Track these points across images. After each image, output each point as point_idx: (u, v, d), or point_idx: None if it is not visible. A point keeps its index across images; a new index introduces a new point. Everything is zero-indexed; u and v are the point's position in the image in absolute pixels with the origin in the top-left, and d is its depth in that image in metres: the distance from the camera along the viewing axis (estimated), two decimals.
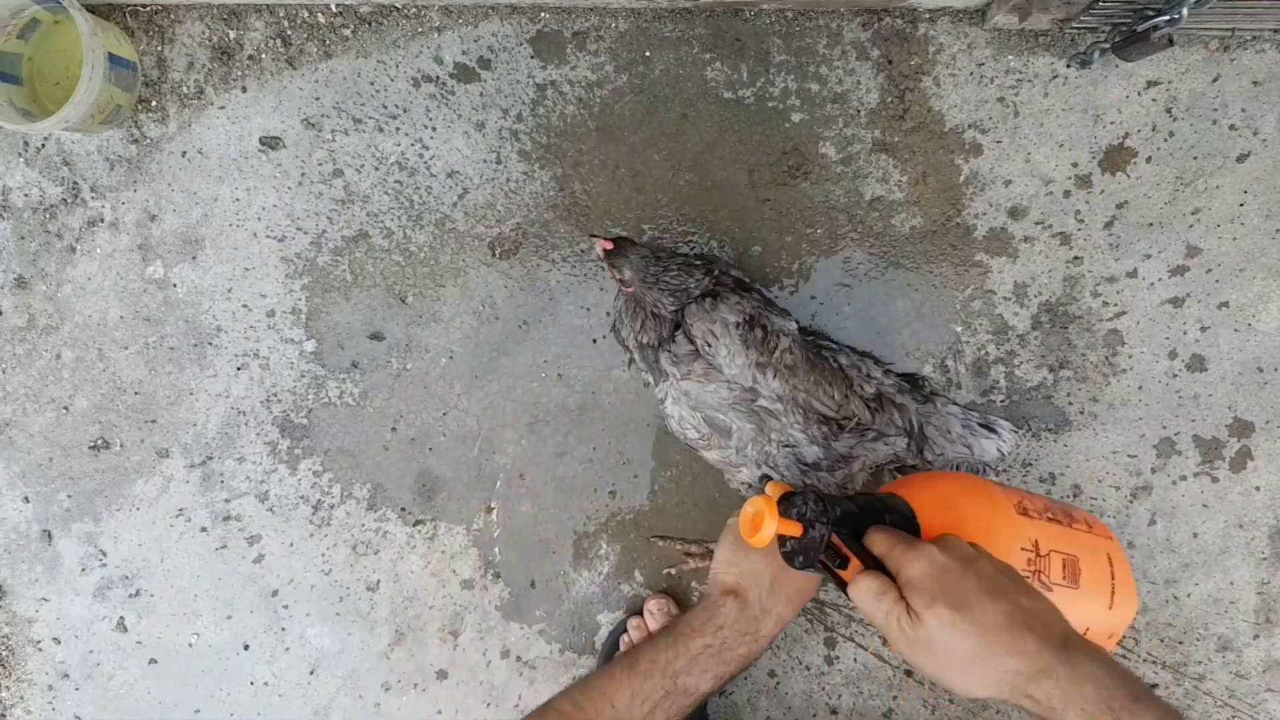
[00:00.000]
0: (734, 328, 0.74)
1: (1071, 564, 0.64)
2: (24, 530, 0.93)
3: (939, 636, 0.49)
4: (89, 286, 0.91)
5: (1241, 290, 0.90)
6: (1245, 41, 0.86)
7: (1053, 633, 0.49)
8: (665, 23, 0.88)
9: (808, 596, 0.70)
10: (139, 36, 0.88)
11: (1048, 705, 0.47)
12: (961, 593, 0.50)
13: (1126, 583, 0.67)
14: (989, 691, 0.49)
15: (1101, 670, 0.47)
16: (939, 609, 0.49)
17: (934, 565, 0.51)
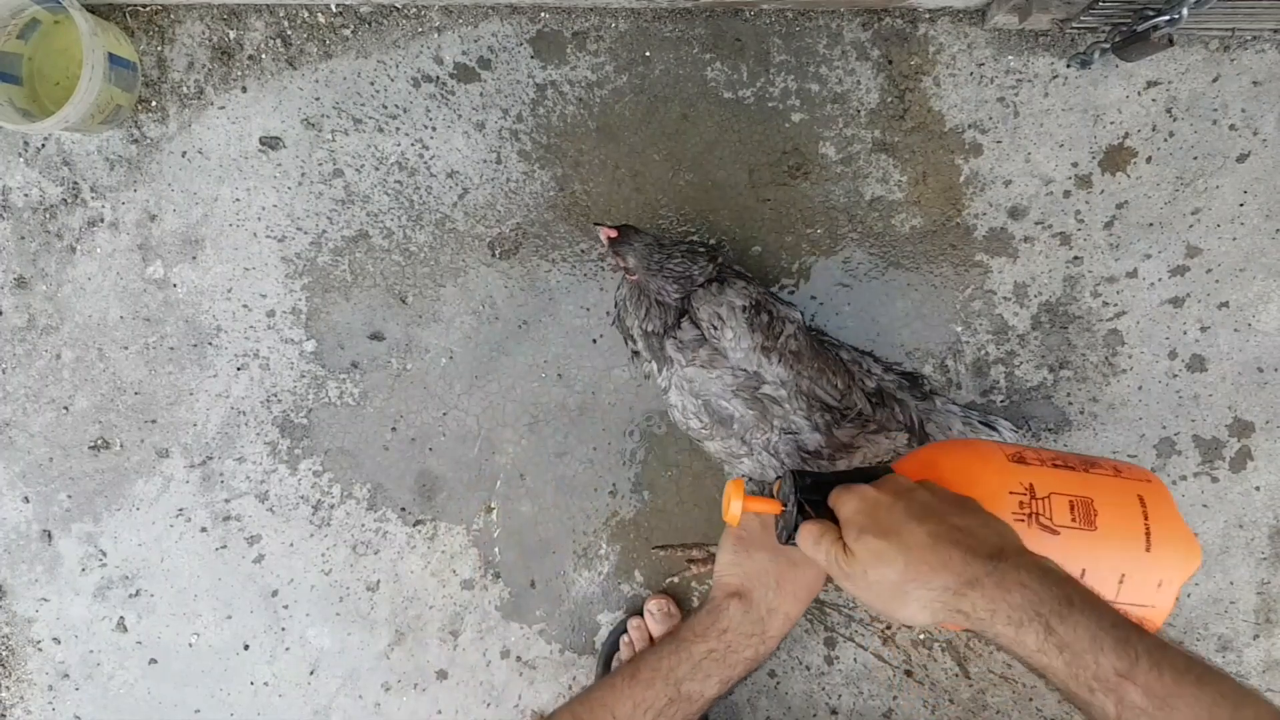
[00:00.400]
0: (740, 311, 0.74)
1: (1083, 505, 0.60)
2: (24, 530, 0.93)
3: (870, 566, 0.49)
4: (89, 286, 0.91)
5: (1241, 290, 0.90)
6: (1245, 41, 0.86)
7: (983, 546, 0.48)
8: (665, 23, 0.88)
9: (815, 592, 0.70)
10: (139, 36, 0.88)
11: (976, 618, 0.46)
12: (889, 521, 0.50)
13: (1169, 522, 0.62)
14: (925, 615, 0.49)
15: (1032, 577, 0.46)
16: (867, 539, 0.50)
17: (866, 501, 0.52)
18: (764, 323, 0.75)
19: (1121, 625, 0.44)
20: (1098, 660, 0.43)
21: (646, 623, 0.89)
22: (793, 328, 0.76)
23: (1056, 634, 0.44)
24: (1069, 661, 0.44)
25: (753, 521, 0.71)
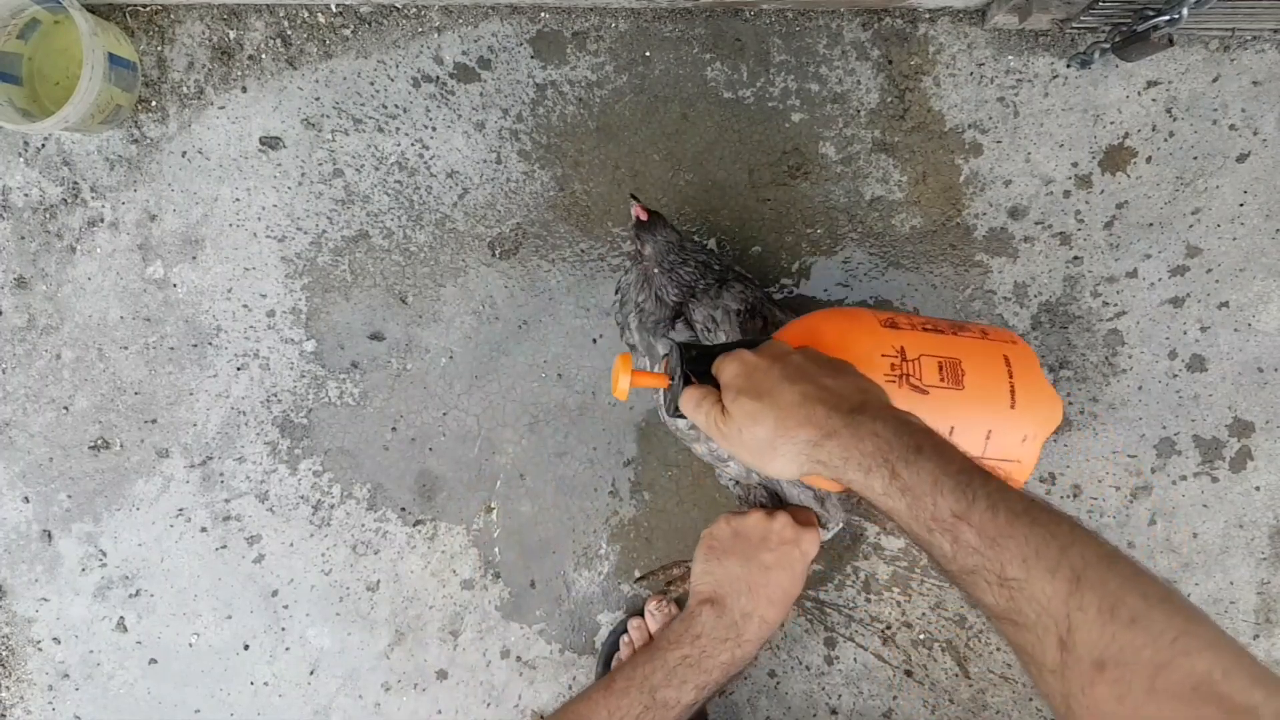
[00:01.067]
0: (735, 315, 0.74)
1: (951, 365, 0.62)
2: (24, 530, 0.93)
3: (744, 425, 0.52)
4: (89, 286, 0.91)
5: (1241, 290, 0.90)
6: (1245, 41, 0.86)
7: (845, 402, 0.50)
8: (665, 23, 0.88)
9: (792, 596, 0.70)
10: (139, 36, 0.88)
11: (831, 465, 0.49)
12: (764, 383, 0.52)
13: (1033, 381, 0.65)
14: (792, 467, 0.51)
15: (886, 427, 0.48)
16: (742, 400, 0.52)
17: (745, 365, 0.55)
18: (757, 327, 0.75)
19: (966, 471, 0.45)
20: (936, 502, 0.45)
21: (646, 623, 0.89)
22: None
23: (900, 478, 0.46)
24: (910, 504, 0.46)
25: (724, 530, 0.72)
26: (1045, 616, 0.40)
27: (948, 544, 0.44)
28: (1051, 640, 0.40)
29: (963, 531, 0.44)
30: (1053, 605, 0.40)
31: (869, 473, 0.47)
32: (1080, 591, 0.39)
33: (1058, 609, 0.40)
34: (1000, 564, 0.42)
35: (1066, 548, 0.41)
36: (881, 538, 0.92)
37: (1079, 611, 0.39)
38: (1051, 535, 0.42)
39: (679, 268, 0.75)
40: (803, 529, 0.71)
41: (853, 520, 0.92)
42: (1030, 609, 0.41)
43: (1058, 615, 0.40)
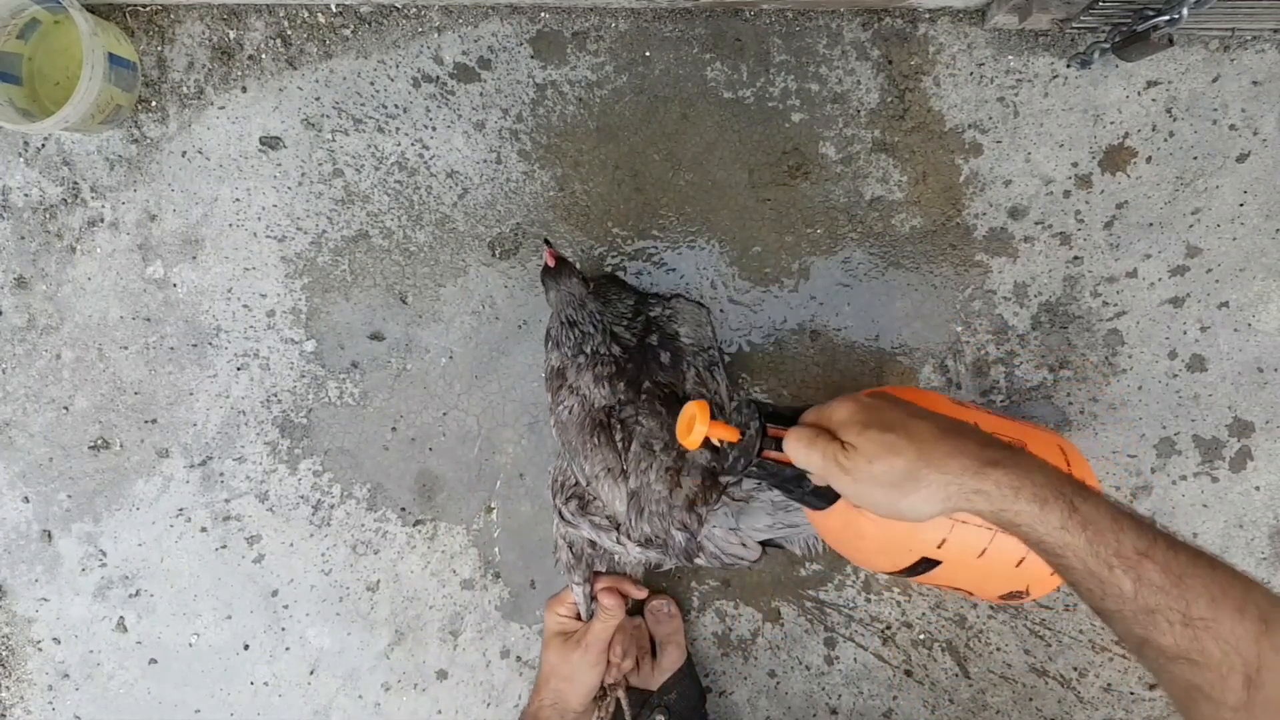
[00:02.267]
0: (550, 374, 0.79)
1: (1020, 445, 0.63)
2: (24, 530, 0.93)
3: (876, 457, 0.49)
4: (89, 286, 0.91)
5: (1241, 290, 0.90)
6: (1245, 41, 0.86)
7: (990, 438, 0.50)
8: (665, 23, 0.88)
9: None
10: (139, 36, 0.88)
11: (999, 495, 0.46)
12: (893, 418, 0.50)
13: (1087, 473, 0.65)
14: (937, 500, 0.48)
15: (1047, 464, 0.48)
16: (871, 432, 0.50)
17: (859, 403, 0.52)
18: (554, 387, 0.77)
19: (1134, 512, 0.46)
20: (1119, 539, 0.44)
21: (646, 622, 0.89)
22: (573, 401, 0.76)
23: (1080, 512, 0.45)
24: (1091, 539, 0.44)
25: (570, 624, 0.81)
26: (1233, 655, 0.41)
27: (1129, 582, 0.43)
28: (1237, 679, 0.41)
29: (1147, 569, 0.43)
30: (1242, 645, 0.41)
31: (1045, 504, 0.45)
32: (1271, 633, 0.41)
33: (1248, 648, 0.41)
34: (1186, 602, 0.42)
35: (1249, 589, 0.42)
36: None
37: (1271, 652, 0.40)
38: (1233, 576, 0.43)
39: (570, 330, 0.75)
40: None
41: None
42: (1216, 648, 0.41)
43: (1247, 654, 0.41)
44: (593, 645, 0.77)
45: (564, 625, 0.81)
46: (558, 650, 0.79)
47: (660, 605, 0.89)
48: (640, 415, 0.74)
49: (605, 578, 0.80)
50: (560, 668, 0.78)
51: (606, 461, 0.74)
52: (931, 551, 0.60)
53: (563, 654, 0.78)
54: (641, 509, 0.73)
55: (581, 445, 0.75)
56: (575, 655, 0.77)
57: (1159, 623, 0.43)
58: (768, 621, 0.92)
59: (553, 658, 0.79)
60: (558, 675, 0.78)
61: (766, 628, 0.92)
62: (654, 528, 0.73)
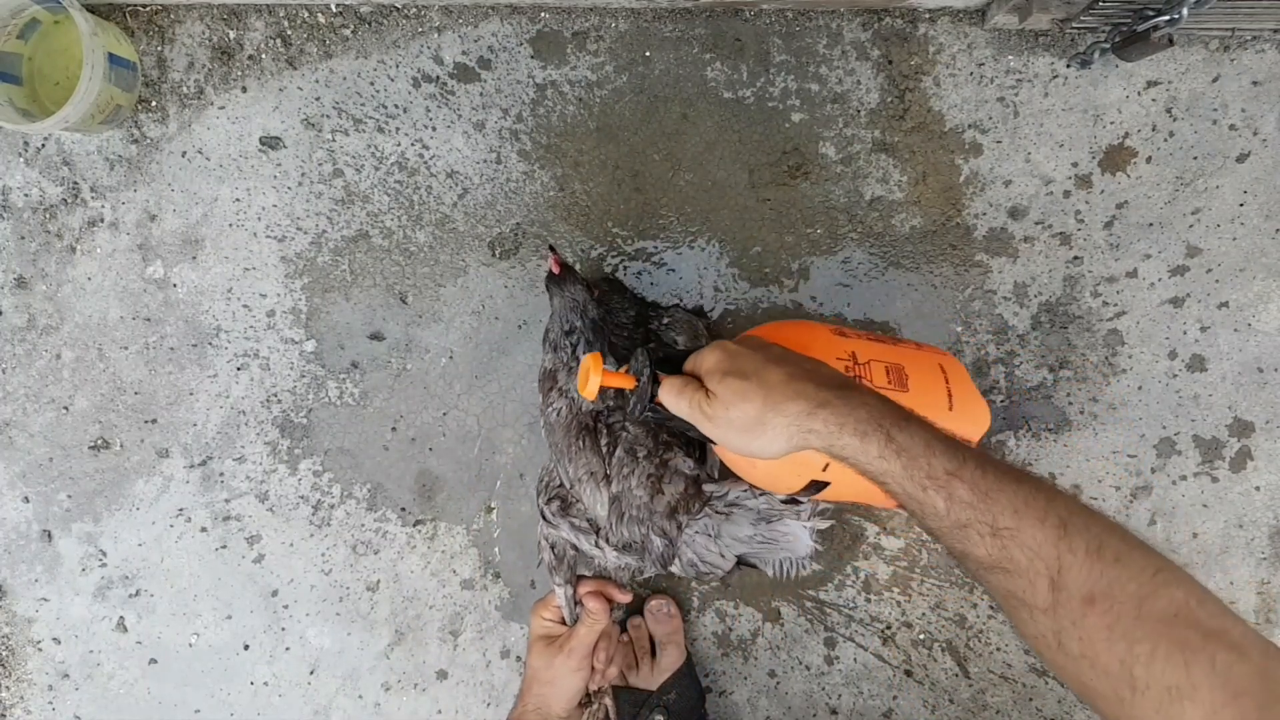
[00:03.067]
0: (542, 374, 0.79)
1: (896, 370, 0.67)
2: (24, 530, 0.93)
3: (732, 404, 0.53)
4: (89, 286, 0.91)
5: (1241, 290, 0.90)
6: (1245, 41, 0.86)
7: (832, 380, 0.53)
8: (665, 23, 0.88)
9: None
10: (139, 36, 0.88)
11: (825, 433, 0.50)
12: (749, 365, 0.54)
13: (966, 389, 0.70)
14: (781, 440, 0.52)
15: (874, 399, 0.51)
16: (729, 380, 0.54)
17: (725, 351, 0.57)
18: (545, 389, 0.78)
19: (950, 437, 0.50)
20: (930, 462, 0.48)
21: (646, 622, 0.89)
22: (562, 404, 0.76)
23: (895, 440, 0.49)
24: (905, 464, 0.48)
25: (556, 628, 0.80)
26: (1037, 560, 0.44)
27: (941, 501, 0.47)
28: (1043, 582, 0.44)
29: (956, 487, 0.47)
30: (1044, 549, 0.44)
31: (864, 437, 0.49)
32: (1069, 536, 0.44)
33: (1049, 552, 0.44)
34: (993, 515, 0.46)
35: (1052, 499, 0.45)
36: (881, 537, 0.92)
37: (1069, 553, 0.43)
38: (1037, 489, 0.46)
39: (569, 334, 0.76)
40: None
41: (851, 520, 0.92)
42: (1022, 555, 0.44)
43: (1049, 558, 0.43)
44: (576, 650, 0.77)
45: (548, 629, 0.81)
46: (541, 654, 0.78)
47: (660, 605, 0.89)
48: (627, 422, 0.74)
49: (590, 581, 0.80)
50: (543, 672, 0.78)
51: (590, 465, 0.74)
52: (818, 475, 0.65)
53: (546, 658, 0.78)
54: (622, 514, 0.73)
55: (567, 448, 0.75)
56: (558, 660, 0.77)
57: (971, 536, 0.46)
58: (768, 621, 0.92)
59: (536, 662, 0.79)
60: (540, 680, 0.78)
61: (766, 628, 0.93)
62: (632, 533, 0.74)
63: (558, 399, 0.77)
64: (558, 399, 0.77)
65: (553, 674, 0.77)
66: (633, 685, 0.87)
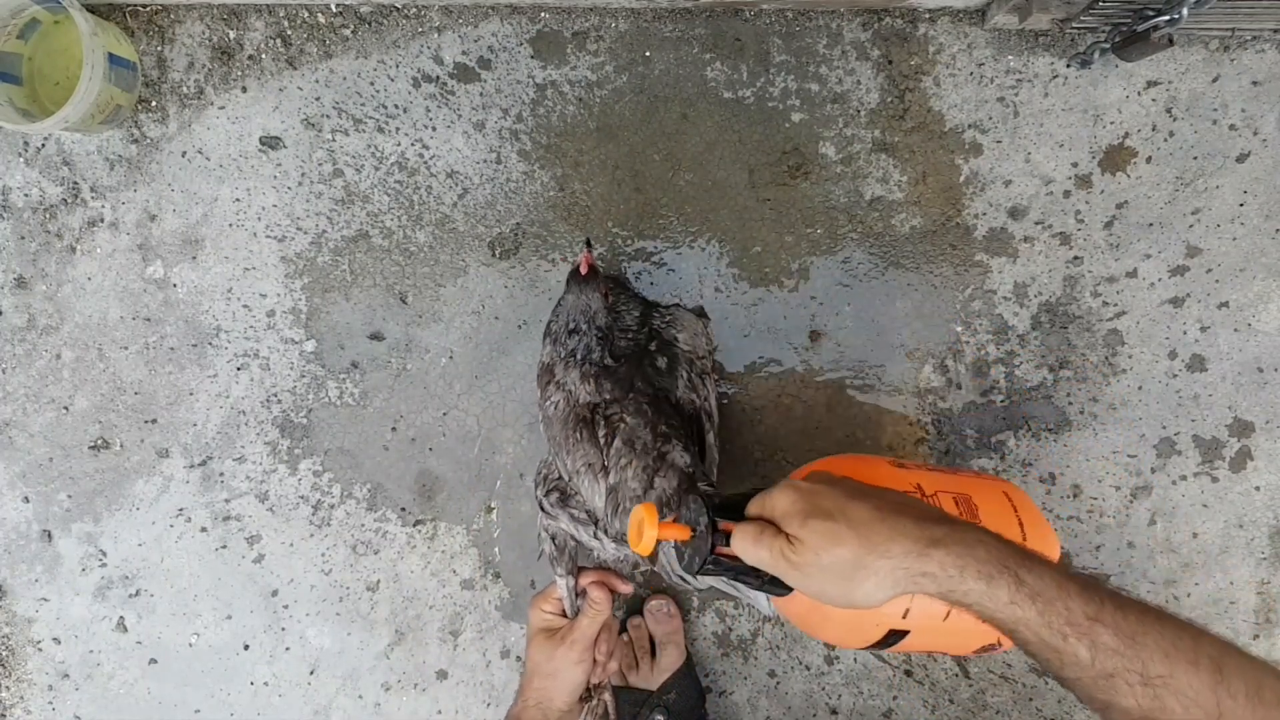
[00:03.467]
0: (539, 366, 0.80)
1: (965, 500, 0.63)
2: (24, 530, 0.93)
3: (822, 549, 0.48)
4: (89, 286, 0.91)
5: (1241, 290, 0.90)
6: (1245, 41, 0.86)
7: (930, 513, 0.49)
8: (665, 23, 0.88)
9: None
10: (139, 36, 0.88)
11: (944, 576, 0.46)
12: (830, 504, 0.49)
13: (1035, 518, 0.66)
14: (886, 586, 0.47)
15: (990, 536, 0.47)
16: (813, 523, 0.49)
17: (798, 491, 0.51)
18: (543, 383, 0.78)
19: (1078, 575, 0.46)
20: (1068, 606, 0.44)
21: (646, 621, 0.89)
22: (559, 396, 0.76)
23: (1027, 584, 0.44)
24: (1042, 610, 0.44)
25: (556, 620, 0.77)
26: (1194, 708, 0.41)
27: (1085, 649, 0.43)
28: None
29: (1100, 634, 0.43)
30: (1201, 696, 0.41)
31: (990, 581, 0.45)
32: (1225, 680, 0.41)
33: (1207, 699, 0.41)
34: (1142, 662, 0.42)
35: (1198, 639, 0.42)
36: None
37: (1229, 698, 0.41)
38: (1181, 629, 0.43)
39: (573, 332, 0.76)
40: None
41: None
42: (1178, 703, 0.41)
43: (1208, 705, 0.41)
44: (578, 641, 0.74)
45: (548, 621, 0.78)
46: (541, 647, 0.76)
47: (660, 605, 0.89)
48: (625, 413, 0.74)
49: (591, 572, 0.79)
50: (544, 665, 0.75)
51: (588, 457, 0.74)
52: (898, 623, 0.60)
53: (547, 651, 0.75)
54: (618, 505, 0.73)
55: (565, 440, 0.75)
56: (559, 652, 0.74)
57: (1119, 686, 0.43)
58: (768, 621, 0.92)
59: (536, 655, 0.76)
60: (541, 673, 0.75)
61: (766, 628, 0.92)
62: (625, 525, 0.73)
63: (555, 392, 0.76)
64: (555, 392, 0.76)
65: (554, 666, 0.75)
66: (632, 685, 0.87)
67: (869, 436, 0.91)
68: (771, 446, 0.91)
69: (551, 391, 0.77)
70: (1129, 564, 0.92)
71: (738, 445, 0.91)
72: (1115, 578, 0.92)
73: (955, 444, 0.91)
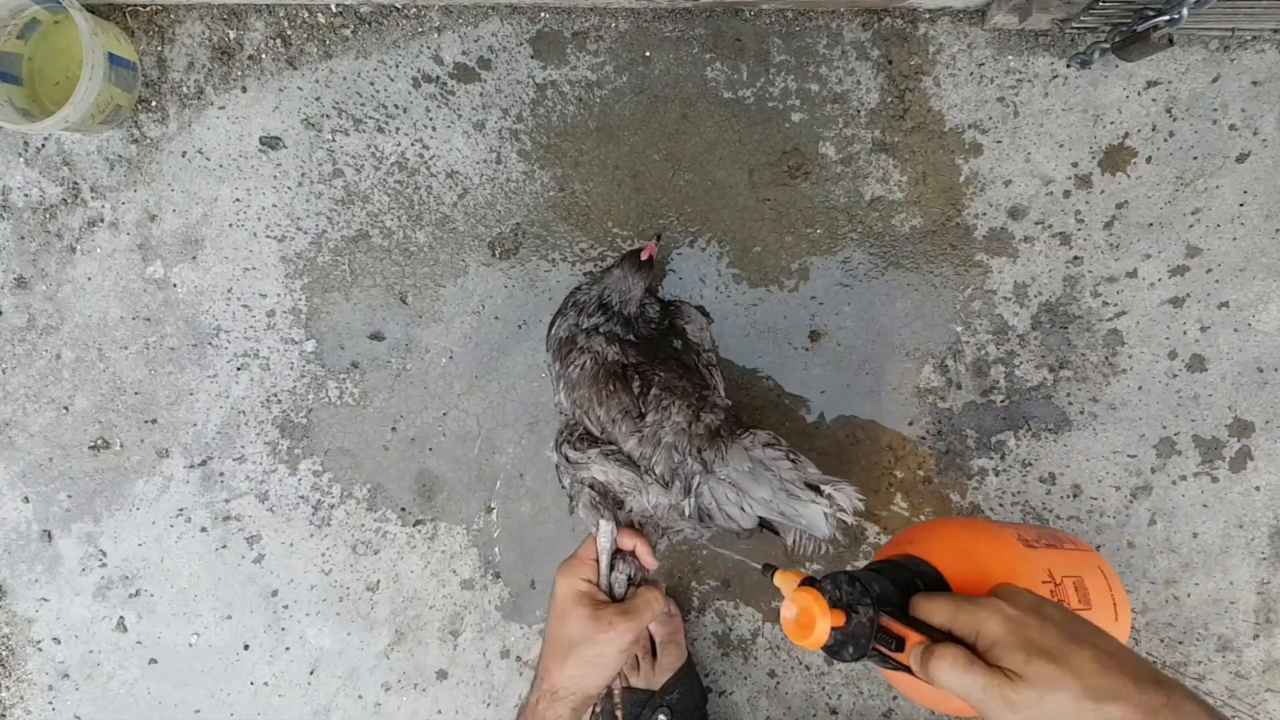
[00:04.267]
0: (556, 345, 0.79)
1: (1080, 585, 0.63)
2: (24, 530, 0.93)
3: (1046, 694, 0.46)
4: (89, 286, 0.91)
5: (1241, 290, 0.90)
6: (1245, 41, 0.86)
7: (1144, 672, 0.47)
8: (665, 23, 0.88)
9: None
10: (139, 36, 0.88)
11: None
12: (1052, 644, 0.47)
13: (1121, 592, 0.66)
14: None
15: (1201, 707, 0.46)
16: (1038, 664, 0.46)
17: (1010, 620, 0.49)
18: (564, 353, 0.77)
19: None
20: None
21: None
22: (585, 358, 0.75)
23: None
24: None
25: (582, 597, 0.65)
26: None
27: None
28: None
29: None
30: None
31: None
32: None
33: None
34: None
35: None
36: (882, 538, 0.92)
37: None
38: None
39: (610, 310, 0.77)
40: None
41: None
42: None
43: None
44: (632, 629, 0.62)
45: (589, 591, 0.65)
46: (583, 625, 0.62)
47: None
48: (658, 369, 0.74)
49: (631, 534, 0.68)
50: (585, 649, 0.61)
51: (624, 405, 0.72)
52: None
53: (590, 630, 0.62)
54: (659, 440, 0.69)
55: (595, 394, 0.73)
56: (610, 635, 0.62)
57: None
58: (768, 621, 0.92)
59: (574, 632, 0.62)
60: (581, 658, 0.61)
61: (766, 628, 0.92)
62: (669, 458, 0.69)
63: (579, 356, 0.75)
64: (579, 356, 0.75)
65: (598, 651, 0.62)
66: (634, 685, 0.87)
67: (868, 436, 0.91)
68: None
69: (575, 356, 0.75)
70: (1129, 564, 0.92)
71: None
72: None
73: (955, 444, 0.91)
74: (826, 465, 0.91)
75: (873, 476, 0.91)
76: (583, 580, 0.65)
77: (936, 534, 0.66)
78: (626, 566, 0.68)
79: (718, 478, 0.68)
